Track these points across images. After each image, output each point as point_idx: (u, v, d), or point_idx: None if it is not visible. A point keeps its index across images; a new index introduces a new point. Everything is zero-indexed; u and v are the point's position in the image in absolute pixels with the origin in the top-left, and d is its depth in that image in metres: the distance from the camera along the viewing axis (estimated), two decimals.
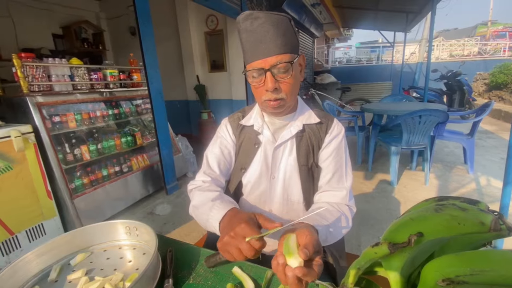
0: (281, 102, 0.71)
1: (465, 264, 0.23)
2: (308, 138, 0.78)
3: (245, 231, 0.51)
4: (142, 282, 0.54)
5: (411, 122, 2.42)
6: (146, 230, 0.69)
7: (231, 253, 0.51)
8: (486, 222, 0.22)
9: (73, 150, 2.24)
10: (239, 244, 0.50)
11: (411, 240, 0.25)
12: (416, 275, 0.30)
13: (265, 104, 0.72)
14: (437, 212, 0.25)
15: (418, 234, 0.25)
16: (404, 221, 0.27)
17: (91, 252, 0.71)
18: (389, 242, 0.26)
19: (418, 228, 0.26)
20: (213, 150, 0.84)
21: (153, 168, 2.83)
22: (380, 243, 0.27)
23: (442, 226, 0.24)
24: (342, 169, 0.78)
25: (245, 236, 0.50)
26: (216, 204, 0.65)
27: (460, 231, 0.23)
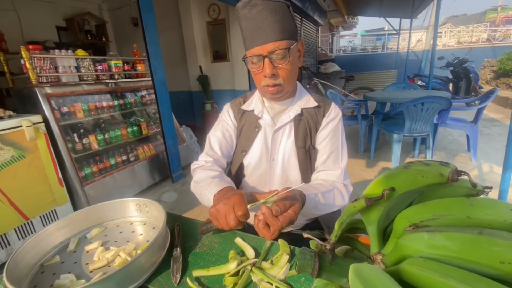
0: (279, 87, 0.75)
1: (428, 211, 0.28)
2: (306, 121, 0.82)
3: (237, 201, 0.57)
4: (153, 249, 0.59)
5: (414, 110, 2.42)
6: (155, 207, 0.74)
7: (219, 220, 0.58)
8: (444, 173, 0.26)
9: (82, 139, 2.31)
10: (227, 212, 0.56)
11: (384, 194, 0.29)
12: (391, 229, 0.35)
13: (264, 89, 0.76)
14: (406, 169, 0.29)
15: (391, 188, 0.29)
16: (379, 179, 0.31)
17: (105, 227, 0.77)
18: (366, 197, 0.31)
19: (391, 183, 0.30)
20: (215, 133, 0.89)
21: (159, 157, 2.90)
22: (358, 198, 0.31)
23: (409, 180, 0.28)
24: (338, 151, 0.82)
25: (238, 204, 0.56)
26: (215, 181, 0.71)
27: (424, 183, 0.27)
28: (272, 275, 0.54)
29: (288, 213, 0.57)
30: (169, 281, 0.56)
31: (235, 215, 0.56)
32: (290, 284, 0.53)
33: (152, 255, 0.60)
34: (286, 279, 0.54)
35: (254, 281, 0.53)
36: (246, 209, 0.56)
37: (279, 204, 0.56)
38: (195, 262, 0.61)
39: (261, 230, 0.57)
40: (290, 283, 0.53)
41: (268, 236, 0.57)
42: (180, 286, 0.55)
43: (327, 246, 0.35)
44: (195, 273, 0.57)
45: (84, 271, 0.61)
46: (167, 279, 0.57)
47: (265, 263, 0.57)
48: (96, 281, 0.49)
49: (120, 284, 0.53)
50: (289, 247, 0.62)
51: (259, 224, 0.56)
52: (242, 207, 0.56)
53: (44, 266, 0.64)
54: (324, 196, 0.71)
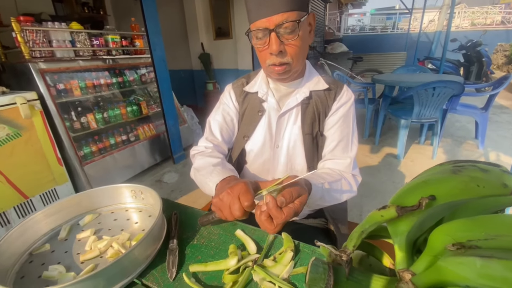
0: (287, 67, 0.67)
1: (479, 229, 0.22)
2: (314, 106, 0.75)
3: (242, 190, 0.51)
4: (147, 241, 0.55)
5: (424, 94, 2.32)
6: (151, 194, 0.69)
7: (223, 211, 0.52)
8: (509, 184, 0.21)
9: (80, 118, 2.25)
10: (231, 202, 0.50)
11: (422, 203, 0.24)
12: (422, 241, 0.29)
13: (269, 69, 0.68)
14: (455, 174, 0.23)
15: (430, 197, 0.23)
16: (416, 184, 0.25)
17: (99, 214, 0.73)
18: (397, 205, 0.25)
19: (431, 191, 0.24)
20: (215, 117, 0.83)
21: (160, 137, 2.85)
22: (387, 206, 0.26)
23: (458, 189, 0.22)
24: (348, 138, 0.76)
25: (241, 195, 0.50)
26: (216, 169, 0.65)
27: (479, 194, 0.21)
28: (275, 274, 0.50)
29: (294, 205, 0.51)
30: (164, 275, 0.53)
31: (240, 205, 0.50)
32: (294, 284, 0.49)
33: (147, 247, 0.56)
34: (290, 278, 0.50)
35: (255, 280, 0.49)
36: (253, 198, 0.51)
37: (285, 194, 0.50)
38: (192, 256, 0.58)
39: (263, 223, 0.51)
40: (294, 282, 0.49)
41: (270, 230, 0.51)
42: (176, 281, 0.51)
43: (343, 257, 0.30)
44: (193, 268, 0.53)
45: (74, 261, 0.58)
46: (162, 273, 0.53)
47: (268, 261, 0.53)
48: (85, 277, 0.45)
49: (111, 280, 0.49)
50: (293, 242, 0.58)
51: (261, 216, 0.51)
52: (248, 197, 0.50)
53: (33, 255, 0.60)
54: (332, 187, 0.66)
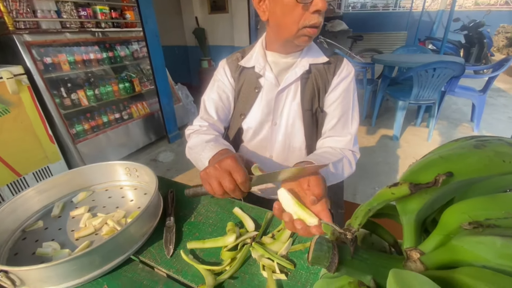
0: (317, 30, 0.62)
1: (499, 207, 0.21)
2: (314, 80, 0.72)
3: (231, 165, 0.46)
4: (143, 218, 0.54)
5: (424, 75, 2.28)
6: (146, 172, 0.68)
7: (211, 185, 0.48)
8: None
9: (70, 95, 2.18)
10: (220, 177, 0.46)
11: (438, 180, 0.22)
12: (430, 221, 0.28)
13: (303, 32, 0.60)
14: (478, 148, 0.21)
15: (448, 173, 0.22)
16: (432, 160, 0.24)
17: (93, 191, 0.72)
18: (410, 183, 0.23)
19: (449, 167, 0.22)
20: (210, 95, 0.79)
21: (154, 116, 2.79)
22: (399, 183, 0.24)
23: (482, 164, 0.20)
24: (348, 114, 0.74)
25: (230, 171, 0.46)
26: (209, 145, 0.62)
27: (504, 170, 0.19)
28: (273, 251, 0.50)
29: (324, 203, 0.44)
30: (162, 252, 0.52)
31: (231, 179, 0.46)
32: (292, 260, 0.49)
33: (143, 225, 0.55)
34: (288, 255, 0.50)
35: (253, 257, 0.49)
36: (246, 174, 0.46)
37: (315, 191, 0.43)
38: (190, 233, 0.57)
39: None
40: (292, 259, 0.49)
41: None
42: (174, 258, 0.51)
43: (347, 235, 0.29)
44: (190, 245, 0.53)
45: (69, 238, 0.57)
46: (159, 250, 0.53)
47: (266, 238, 0.53)
48: (81, 254, 0.44)
49: (107, 256, 0.48)
50: None
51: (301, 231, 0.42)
52: (241, 173, 0.45)
53: (26, 232, 0.59)
54: (335, 167, 0.64)
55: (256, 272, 0.47)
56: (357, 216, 0.29)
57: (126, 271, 0.49)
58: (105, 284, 0.47)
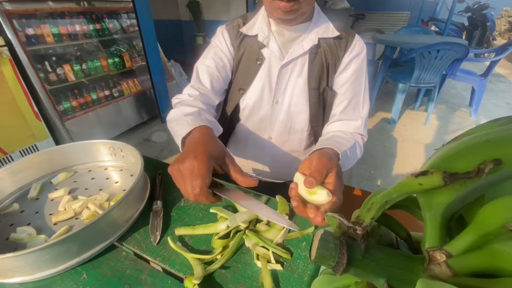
0: (295, 4, 0.55)
1: None
2: (323, 56, 0.65)
3: (188, 169, 0.38)
4: (128, 202, 0.49)
5: (427, 57, 2.20)
6: (131, 152, 0.62)
7: (179, 187, 0.40)
8: None
9: (55, 69, 2.05)
10: (181, 182, 0.39)
11: (483, 169, 0.17)
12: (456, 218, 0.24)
13: (274, 4, 0.55)
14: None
15: (496, 161, 0.17)
16: (474, 143, 0.19)
17: (75, 172, 0.66)
18: (444, 171, 0.19)
19: (496, 152, 0.17)
20: (205, 62, 0.70)
21: (146, 94, 2.69)
22: (429, 172, 0.19)
23: None
24: (360, 96, 0.68)
25: (193, 177, 0.38)
26: (186, 119, 0.51)
27: None
28: (269, 239, 0.46)
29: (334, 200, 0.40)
30: (148, 239, 0.48)
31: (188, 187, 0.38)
32: (288, 249, 0.46)
33: (127, 209, 0.50)
34: (284, 243, 0.47)
35: (247, 245, 0.45)
36: (204, 186, 0.38)
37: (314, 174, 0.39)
38: (179, 218, 0.53)
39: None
40: (288, 247, 0.46)
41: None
42: (160, 245, 0.47)
43: (357, 231, 0.24)
44: (179, 231, 0.49)
45: (46, 223, 0.52)
46: (145, 237, 0.49)
47: (261, 225, 0.49)
48: (57, 241, 0.40)
49: (87, 243, 0.44)
50: (289, 206, 0.54)
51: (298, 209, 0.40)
52: (198, 182, 0.37)
53: (0, 215, 0.54)
54: (351, 152, 0.59)
55: (249, 261, 0.44)
56: (370, 208, 0.25)
57: (108, 259, 0.45)
58: (84, 274, 0.43)
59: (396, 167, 2.05)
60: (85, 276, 0.42)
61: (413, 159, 2.14)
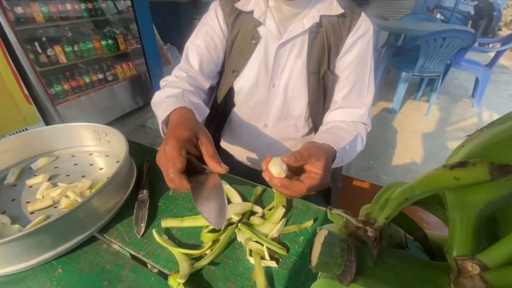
0: None
1: None
2: (325, 36, 0.59)
3: (168, 155, 0.36)
4: (110, 190, 0.45)
5: (433, 44, 2.12)
6: (117, 136, 0.57)
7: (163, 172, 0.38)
8: None
9: (46, 50, 1.96)
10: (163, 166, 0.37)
11: None
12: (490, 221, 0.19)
13: None
14: None
15: None
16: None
17: (57, 157, 0.62)
18: (491, 163, 0.14)
19: None
20: (195, 41, 0.64)
21: (141, 78, 2.60)
22: (469, 163, 0.15)
23: None
24: (364, 81, 0.63)
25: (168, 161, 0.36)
26: (167, 101, 0.49)
27: None
28: (263, 233, 0.42)
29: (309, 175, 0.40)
30: (131, 231, 0.44)
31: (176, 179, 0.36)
32: (285, 244, 0.42)
33: (110, 197, 0.46)
34: (280, 238, 0.43)
35: (239, 240, 0.41)
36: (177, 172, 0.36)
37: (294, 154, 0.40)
38: (166, 209, 0.49)
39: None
40: (285, 242, 0.42)
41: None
42: (145, 238, 0.43)
43: (369, 232, 0.20)
44: (165, 223, 0.45)
45: (22, 211, 0.48)
46: (129, 228, 0.45)
47: (255, 218, 0.45)
48: (30, 231, 0.36)
49: (64, 235, 0.40)
50: (286, 197, 0.50)
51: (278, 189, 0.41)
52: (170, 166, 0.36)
53: None
54: (351, 146, 0.55)
55: (241, 257, 0.40)
56: (383, 205, 0.21)
57: (87, 253, 0.41)
58: (59, 268, 0.39)
59: (396, 157, 2.01)
60: (60, 271, 0.39)
61: (413, 150, 2.11)
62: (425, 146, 2.16)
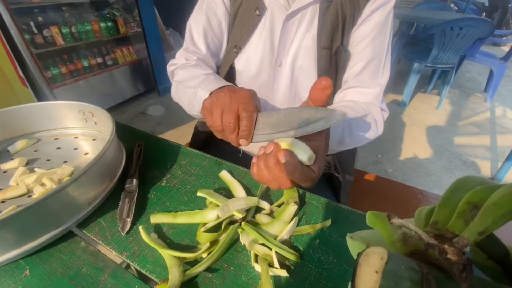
0: None
1: None
2: (339, 6, 0.51)
3: (245, 98, 0.36)
4: (90, 177, 0.38)
5: (449, 34, 2.01)
6: (105, 117, 0.50)
7: (212, 114, 0.37)
8: None
9: (42, 31, 1.88)
10: (226, 107, 0.36)
11: None
12: None
13: None
14: None
15: None
16: None
17: (38, 140, 0.55)
18: None
19: None
20: (198, 19, 0.58)
21: (142, 64, 2.51)
22: None
23: None
24: (381, 58, 0.55)
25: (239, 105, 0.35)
26: (210, 77, 0.49)
27: None
28: (271, 234, 0.35)
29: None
30: (115, 227, 0.37)
31: (235, 114, 0.35)
32: (296, 247, 0.35)
33: (90, 186, 0.39)
34: (291, 240, 0.36)
35: (242, 242, 0.34)
36: (251, 117, 0.35)
37: None
38: (158, 201, 0.42)
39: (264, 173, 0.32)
40: (296, 245, 0.35)
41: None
42: (131, 236, 0.36)
43: (449, 254, 0.13)
44: (155, 218, 0.38)
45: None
46: (113, 223, 0.38)
47: (261, 216, 0.38)
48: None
49: (33, 229, 0.33)
50: (298, 192, 0.43)
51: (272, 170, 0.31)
52: (248, 113, 0.35)
53: None
54: (355, 126, 0.49)
55: (245, 263, 0.33)
56: (464, 210, 0.13)
57: (61, 251, 0.34)
58: (27, 269, 0.32)
59: (405, 151, 1.93)
60: (27, 273, 0.32)
61: (423, 144, 2.03)
62: (435, 141, 2.07)
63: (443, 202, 0.16)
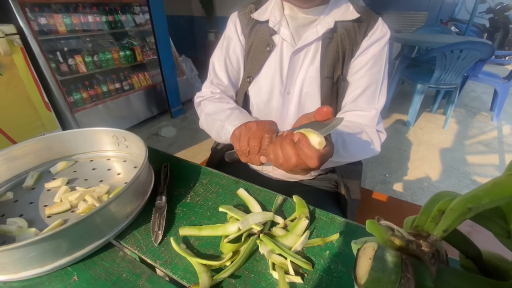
0: None
1: None
2: (339, 42, 0.59)
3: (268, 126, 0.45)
4: (128, 195, 0.44)
5: (449, 56, 2.09)
6: (135, 141, 0.57)
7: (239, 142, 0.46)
8: None
9: (67, 60, 2.04)
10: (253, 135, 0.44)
11: None
12: None
13: None
14: None
15: None
16: None
17: (75, 161, 0.62)
18: None
19: None
20: (219, 56, 0.68)
21: (156, 88, 2.66)
22: None
23: None
24: (377, 86, 0.61)
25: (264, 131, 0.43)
26: (235, 112, 0.59)
27: None
28: (286, 246, 0.40)
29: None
30: (148, 238, 0.43)
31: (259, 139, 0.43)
32: (309, 258, 0.39)
33: (127, 203, 0.45)
34: (304, 251, 0.40)
35: (261, 252, 0.39)
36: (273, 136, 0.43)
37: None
38: (184, 216, 0.47)
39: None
40: (309, 256, 0.40)
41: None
42: (162, 246, 0.41)
43: (423, 247, 0.18)
44: (183, 231, 0.43)
45: (39, 215, 0.47)
46: (146, 236, 0.43)
47: (277, 229, 0.43)
48: (46, 236, 0.35)
49: (80, 240, 0.39)
50: (308, 208, 0.47)
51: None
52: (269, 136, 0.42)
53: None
54: (349, 140, 0.54)
55: (263, 271, 0.37)
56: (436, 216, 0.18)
57: (103, 260, 0.40)
58: (75, 275, 0.38)
59: (412, 171, 1.95)
60: (75, 278, 0.37)
61: (430, 163, 2.04)
62: (443, 160, 2.08)
63: (422, 211, 0.21)
